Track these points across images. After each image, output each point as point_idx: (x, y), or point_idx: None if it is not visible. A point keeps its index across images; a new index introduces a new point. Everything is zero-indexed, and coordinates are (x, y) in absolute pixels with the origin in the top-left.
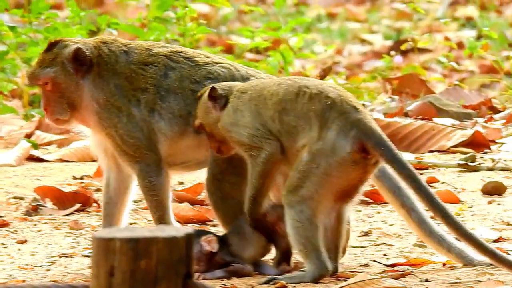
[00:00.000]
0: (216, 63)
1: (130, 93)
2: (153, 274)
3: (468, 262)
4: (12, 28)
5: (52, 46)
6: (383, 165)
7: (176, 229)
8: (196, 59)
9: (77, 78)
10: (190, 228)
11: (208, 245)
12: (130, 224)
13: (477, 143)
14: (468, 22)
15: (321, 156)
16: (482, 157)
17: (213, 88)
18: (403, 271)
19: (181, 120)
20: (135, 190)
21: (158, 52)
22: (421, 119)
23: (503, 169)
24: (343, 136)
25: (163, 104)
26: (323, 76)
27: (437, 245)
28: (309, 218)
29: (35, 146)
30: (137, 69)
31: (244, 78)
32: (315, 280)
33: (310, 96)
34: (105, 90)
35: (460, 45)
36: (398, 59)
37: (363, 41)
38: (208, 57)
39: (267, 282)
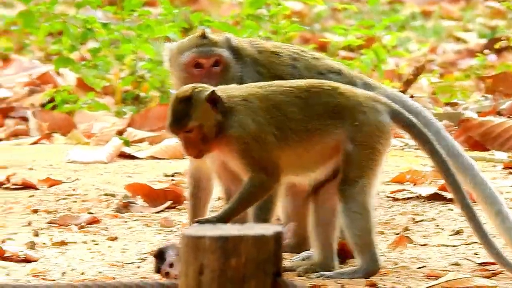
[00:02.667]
0: (328, 59)
1: None
2: (242, 273)
3: None
4: (105, 25)
5: None
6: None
7: (265, 228)
8: (313, 53)
9: None
10: (279, 226)
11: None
12: None
13: None
14: None
15: (372, 138)
16: None
17: (213, 91)
18: (494, 270)
19: None
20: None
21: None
22: None
23: None
24: (379, 114)
25: None
26: (416, 74)
27: None
28: (368, 209)
29: (127, 143)
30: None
31: (355, 79)
32: (367, 276)
33: (330, 91)
34: None
35: None
36: (492, 57)
37: (457, 39)
38: (318, 55)
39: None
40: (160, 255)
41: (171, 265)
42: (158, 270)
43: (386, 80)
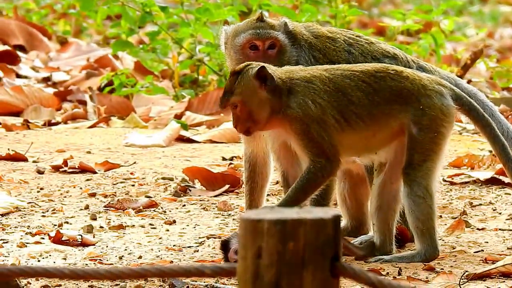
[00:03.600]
0: (384, 44)
1: None
2: (300, 257)
3: None
4: (163, 9)
5: None
6: None
7: (323, 211)
8: (368, 38)
9: None
10: (338, 210)
11: None
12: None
13: None
14: None
15: (436, 122)
16: None
17: (263, 67)
18: None
19: None
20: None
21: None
22: None
23: None
24: (444, 97)
25: None
26: (473, 59)
27: None
28: (432, 193)
29: (185, 127)
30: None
31: (410, 63)
32: (426, 261)
33: (395, 76)
34: None
35: None
36: None
37: None
38: (373, 39)
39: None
40: (224, 246)
41: (236, 252)
42: (226, 260)
43: (444, 65)
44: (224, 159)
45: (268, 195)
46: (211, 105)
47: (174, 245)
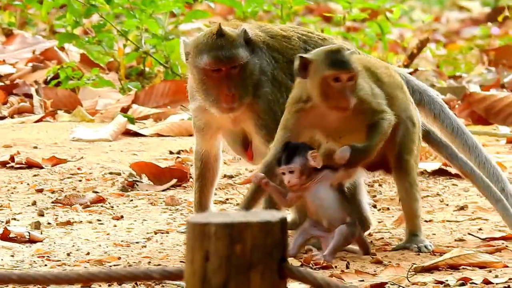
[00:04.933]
0: (335, 39)
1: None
2: (247, 259)
3: None
4: (108, 1)
5: None
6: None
7: (270, 214)
8: (320, 34)
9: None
10: (285, 213)
11: (314, 160)
12: (227, 199)
13: None
14: None
15: (417, 122)
16: None
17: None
18: (498, 245)
19: None
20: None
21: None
22: None
23: None
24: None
25: None
26: (420, 47)
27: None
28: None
29: (132, 120)
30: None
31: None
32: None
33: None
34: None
35: None
36: (495, 30)
37: (461, 8)
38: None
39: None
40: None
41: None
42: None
43: (390, 53)
44: (171, 153)
45: (217, 189)
46: (158, 98)
47: (122, 241)
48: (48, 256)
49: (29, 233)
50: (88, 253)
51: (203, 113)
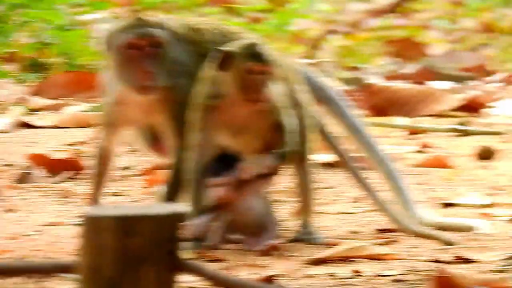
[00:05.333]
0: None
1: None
2: (140, 252)
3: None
4: None
5: None
6: None
7: (163, 207)
8: (229, 27)
9: None
10: (180, 206)
11: (245, 172)
12: (119, 192)
13: (472, 107)
14: None
15: (315, 116)
16: (474, 121)
17: None
18: (391, 238)
19: None
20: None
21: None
22: (418, 82)
23: (494, 133)
24: None
25: None
26: (321, 39)
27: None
28: None
29: (28, 111)
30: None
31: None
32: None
33: None
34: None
35: (459, 3)
36: (396, 22)
37: None
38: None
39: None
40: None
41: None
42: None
43: (293, 44)
44: (67, 144)
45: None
46: (57, 89)
47: (14, 233)
48: None
49: None
50: None
51: (115, 107)
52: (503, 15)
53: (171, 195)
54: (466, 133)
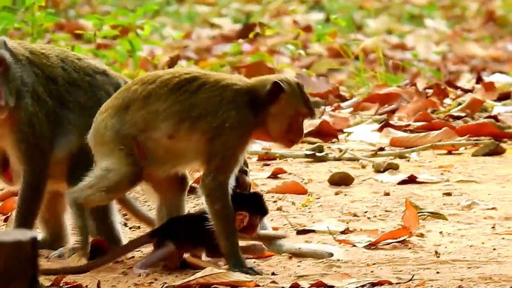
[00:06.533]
0: (90, 59)
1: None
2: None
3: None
4: None
5: None
6: None
7: (22, 233)
8: (75, 54)
9: None
10: (35, 232)
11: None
12: None
13: (325, 133)
14: (317, 4)
15: None
16: (329, 147)
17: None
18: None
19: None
20: None
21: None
22: None
23: (350, 159)
24: None
25: (70, 97)
26: (171, 64)
27: None
28: None
29: None
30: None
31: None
32: None
33: None
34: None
35: (309, 29)
36: (246, 47)
37: (212, 25)
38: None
39: None
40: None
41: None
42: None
43: (142, 70)
44: None
45: None
46: None
47: None
48: None
49: None
50: None
51: None
52: (353, 40)
53: (21, 222)
54: (321, 159)
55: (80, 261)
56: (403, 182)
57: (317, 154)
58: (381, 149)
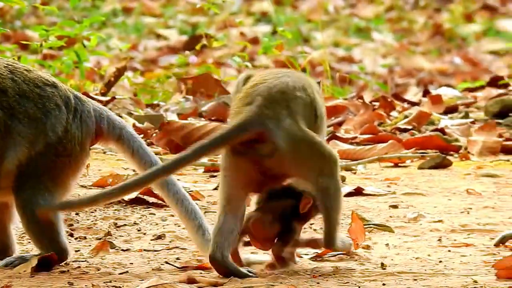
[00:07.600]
0: (39, 71)
1: None
2: None
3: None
4: None
5: None
6: None
7: None
8: (24, 65)
9: None
10: None
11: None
12: None
13: None
14: (264, 16)
15: None
16: None
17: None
18: (195, 275)
19: None
20: None
21: None
22: (216, 120)
23: None
24: None
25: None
26: (117, 76)
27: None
28: None
29: None
30: None
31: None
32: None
33: None
34: None
35: (256, 41)
36: (193, 59)
37: (158, 36)
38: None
39: None
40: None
41: None
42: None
43: (88, 81)
44: None
45: None
46: None
47: None
48: None
49: None
50: None
51: None
52: (300, 53)
53: None
54: None
55: (26, 271)
56: (349, 194)
57: None
58: None
